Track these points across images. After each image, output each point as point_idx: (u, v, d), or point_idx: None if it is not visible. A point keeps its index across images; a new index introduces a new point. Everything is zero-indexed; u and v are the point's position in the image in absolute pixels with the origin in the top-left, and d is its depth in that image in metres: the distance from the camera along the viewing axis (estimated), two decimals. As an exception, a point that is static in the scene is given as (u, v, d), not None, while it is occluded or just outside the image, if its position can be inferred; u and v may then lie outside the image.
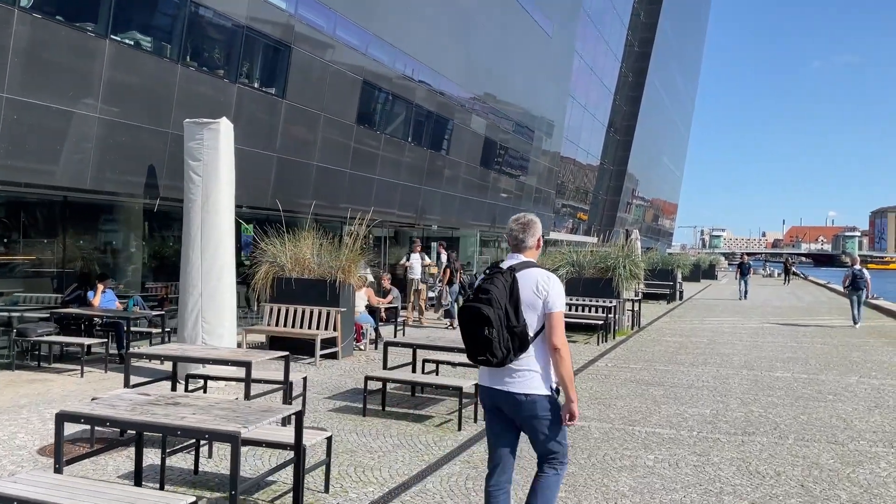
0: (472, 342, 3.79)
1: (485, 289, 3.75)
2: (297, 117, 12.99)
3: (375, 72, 15.53)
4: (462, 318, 3.82)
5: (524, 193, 27.47)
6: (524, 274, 3.84)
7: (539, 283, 3.82)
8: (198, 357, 6.68)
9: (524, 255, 3.98)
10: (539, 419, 3.80)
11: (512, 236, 4.00)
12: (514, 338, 3.71)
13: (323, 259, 11.73)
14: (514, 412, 3.83)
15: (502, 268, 3.86)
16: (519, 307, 3.74)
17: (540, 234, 4.09)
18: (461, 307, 3.88)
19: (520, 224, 4.01)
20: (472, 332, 3.76)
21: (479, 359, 3.78)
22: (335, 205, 14.39)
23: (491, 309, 3.68)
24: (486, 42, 21.59)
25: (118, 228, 13.61)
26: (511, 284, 3.77)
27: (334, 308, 11.40)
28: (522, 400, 3.78)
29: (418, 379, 7.61)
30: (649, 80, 47.68)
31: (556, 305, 3.81)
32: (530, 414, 3.80)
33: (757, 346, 14.54)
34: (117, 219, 13.18)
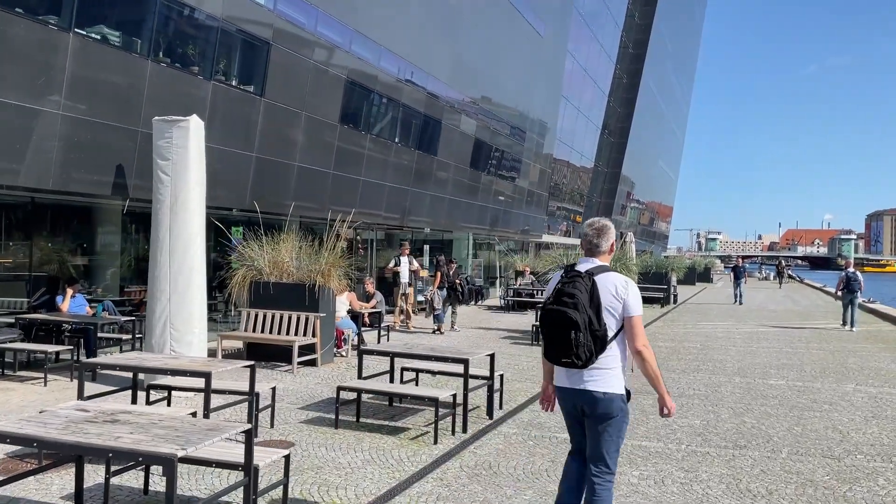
0: (556, 345, 3.93)
1: (569, 293, 3.88)
2: (276, 116, 12.60)
3: (360, 70, 15.15)
4: (546, 321, 3.96)
5: (516, 195, 27.10)
6: (602, 278, 3.97)
7: (618, 288, 3.98)
8: (155, 367, 6.29)
9: (598, 259, 4.10)
10: (613, 418, 3.96)
11: (587, 241, 4.12)
12: (596, 340, 3.88)
13: (302, 262, 11.34)
14: (591, 410, 3.98)
15: (580, 271, 3.98)
16: (600, 311, 3.90)
17: (614, 238, 4.21)
18: (543, 310, 4.00)
19: (594, 229, 4.13)
20: (557, 335, 3.90)
21: (563, 361, 3.93)
22: (318, 207, 13.99)
23: (577, 313, 3.84)
24: (475, 41, 21.23)
25: (95, 230, 13.21)
26: (591, 288, 3.91)
27: (313, 313, 11.01)
28: (600, 398, 3.94)
29: (393, 389, 7.23)
30: (644, 82, 47.39)
31: (635, 310, 3.99)
32: (605, 412, 3.95)
33: (751, 351, 14.18)
34: (94, 220, 12.79)
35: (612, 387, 3.95)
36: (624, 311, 3.96)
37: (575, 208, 41.43)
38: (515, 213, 27.31)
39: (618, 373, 3.99)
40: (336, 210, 15.27)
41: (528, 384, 10.15)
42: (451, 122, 20.32)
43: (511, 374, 10.96)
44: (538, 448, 6.86)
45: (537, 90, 28.12)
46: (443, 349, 8.21)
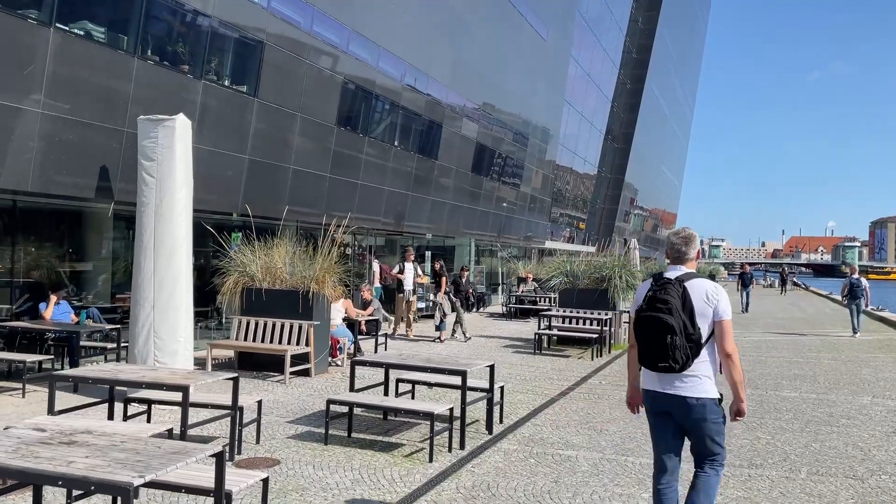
0: (652, 350, 4.01)
1: (662, 299, 4.00)
2: (270, 117, 12.22)
3: (357, 71, 14.77)
4: (642, 327, 4.07)
5: (519, 201, 26.69)
6: (693, 284, 4.07)
7: (709, 293, 4.06)
8: (130, 380, 5.87)
9: (685, 267, 4.20)
10: (708, 422, 4.04)
11: (674, 249, 4.24)
12: (692, 345, 3.97)
13: (296, 268, 10.93)
14: (684, 415, 4.06)
15: (670, 278, 4.10)
16: (694, 316, 4.00)
17: (699, 246, 4.34)
18: (639, 316, 4.10)
19: (681, 238, 4.24)
20: (654, 340, 3.99)
21: (660, 365, 4.00)
22: (314, 211, 13.59)
23: (672, 318, 3.95)
24: (477, 44, 20.86)
25: (86, 235, 12.85)
26: (683, 294, 4.02)
27: (307, 321, 10.60)
28: (694, 403, 4.02)
29: (385, 403, 6.81)
30: (647, 88, 47.03)
31: (725, 314, 4.06)
32: (700, 417, 4.03)
33: (760, 360, 13.73)
34: (84, 224, 12.43)
35: (705, 392, 4.04)
36: (715, 315, 4.05)
37: (578, 214, 41.03)
38: (518, 218, 26.91)
39: (710, 377, 4.07)
40: (333, 215, 14.91)
41: (530, 396, 9.72)
42: (452, 125, 19.95)
43: (512, 384, 10.53)
44: (540, 467, 6.42)
45: (540, 95, 27.75)
46: (440, 360, 7.79)
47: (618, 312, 15.53)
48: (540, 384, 10.70)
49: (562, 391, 10.21)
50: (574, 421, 8.25)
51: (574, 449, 7.04)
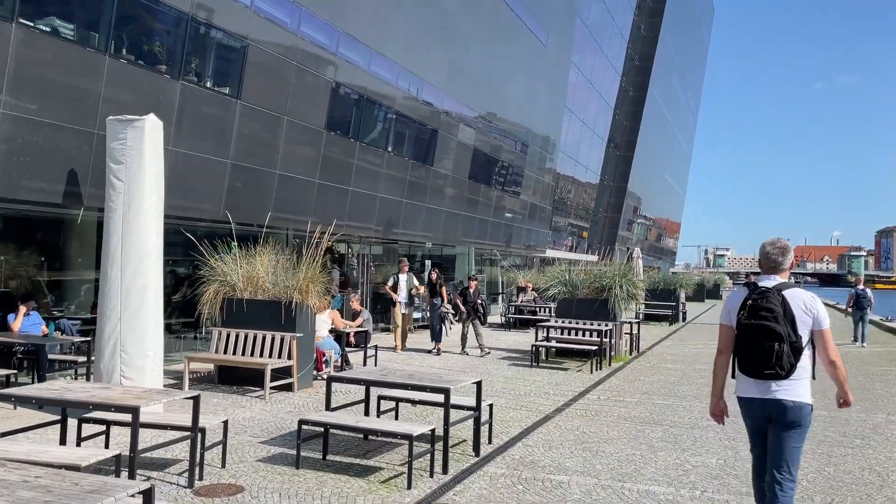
0: (758, 357, 4.17)
1: (766, 307, 4.17)
2: (254, 121, 11.73)
3: (348, 74, 14.29)
4: (747, 335, 4.21)
5: (519, 209, 26.16)
6: (791, 294, 4.24)
7: (807, 303, 4.25)
8: (77, 400, 5.36)
9: (780, 277, 4.35)
10: (800, 426, 4.23)
11: (770, 259, 4.39)
12: (794, 352, 4.15)
13: (279, 278, 10.43)
14: (779, 418, 4.22)
15: (768, 287, 4.27)
16: (795, 324, 4.17)
17: (793, 257, 4.51)
18: (742, 325, 4.23)
19: (778, 248, 4.40)
20: (760, 347, 4.16)
21: (766, 372, 4.17)
22: (301, 218, 13.08)
23: (779, 326, 4.13)
24: (474, 48, 20.39)
25: (66, 242, 12.39)
26: (783, 303, 4.19)
27: (289, 333, 10.09)
28: (790, 406, 4.20)
29: (361, 424, 6.29)
30: (650, 95, 46.56)
31: (825, 323, 4.24)
32: (795, 420, 4.21)
33: (767, 374, 13.16)
34: (63, 232, 11.97)
35: (802, 396, 4.20)
36: (814, 324, 4.22)
37: (580, 223, 40.50)
38: (518, 227, 26.37)
39: (806, 383, 4.22)
40: (322, 223, 14.40)
41: (524, 413, 9.17)
42: (449, 131, 19.46)
43: (506, 400, 9.99)
44: (528, 494, 5.88)
45: (540, 101, 27.27)
46: (424, 376, 7.26)
47: (618, 323, 14.99)
48: (535, 400, 10.16)
49: (557, 407, 9.67)
50: (568, 441, 7.71)
51: (567, 473, 6.50)
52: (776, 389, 4.19)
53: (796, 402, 4.18)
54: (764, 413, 4.28)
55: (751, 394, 4.30)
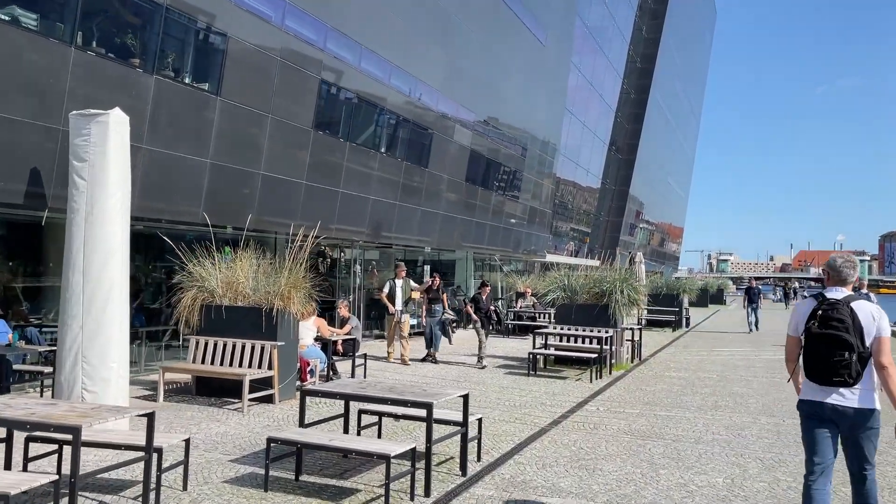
0: (827, 365, 4.38)
1: (837, 318, 4.37)
2: (236, 118, 11.20)
3: (337, 71, 13.76)
4: (817, 344, 4.42)
5: (518, 213, 25.61)
6: (858, 305, 4.43)
7: (873, 313, 4.43)
8: (13, 419, 4.83)
9: (846, 289, 4.57)
10: (872, 430, 4.43)
11: (839, 272, 4.60)
12: (861, 361, 4.36)
13: (260, 283, 9.90)
14: (851, 425, 4.42)
15: (836, 299, 4.47)
16: (862, 334, 4.37)
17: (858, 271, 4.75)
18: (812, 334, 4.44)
19: (847, 261, 4.65)
20: (830, 356, 4.37)
21: (835, 380, 4.38)
22: (286, 220, 12.54)
23: (849, 336, 4.34)
24: (470, 47, 19.86)
25: (44, 247, 11.85)
26: (852, 314, 4.39)
27: (270, 341, 9.55)
28: (860, 411, 4.40)
29: (333, 443, 5.73)
30: (652, 98, 46.04)
31: (885, 332, 4.42)
32: (867, 425, 4.41)
33: (775, 383, 12.59)
34: (41, 236, 11.44)
35: (870, 403, 4.41)
36: (876, 332, 4.40)
37: (582, 227, 39.95)
38: (518, 231, 25.82)
39: (872, 389, 4.42)
40: (310, 226, 13.88)
41: (518, 426, 8.62)
42: (444, 132, 18.93)
43: (500, 412, 9.44)
44: (516, 522, 5.33)
45: (539, 102, 26.74)
46: (407, 388, 6.71)
47: (619, 330, 14.43)
48: (530, 411, 9.61)
49: (554, 420, 9.12)
50: (564, 458, 7.15)
51: (560, 495, 5.95)
52: (850, 397, 4.39)
53: (866, 408, 4.40)
54: (833, 417, 4.46)
55: (818, 398, 4.50)
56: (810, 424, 4.58)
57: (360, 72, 14.40)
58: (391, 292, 14.10)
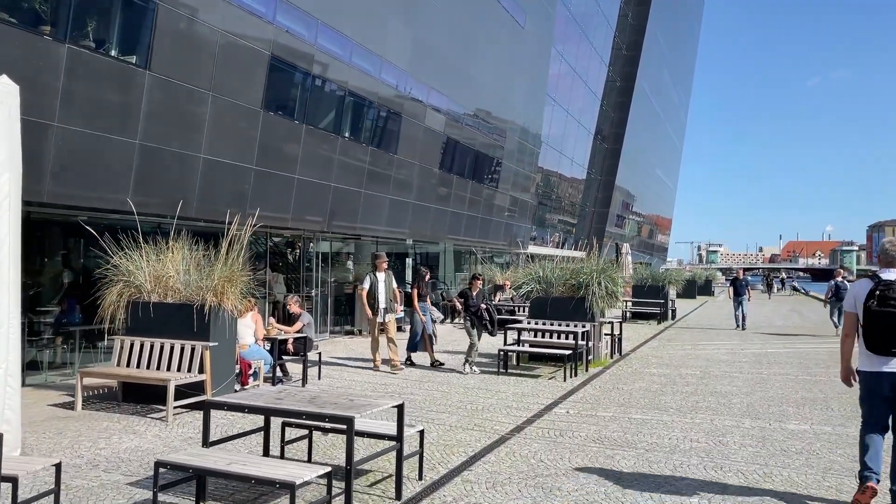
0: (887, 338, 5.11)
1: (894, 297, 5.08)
2: (169, 96, 10.18)
3: (289, 47, 12.73)
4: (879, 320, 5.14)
5: (497, 202, 24.65)
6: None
7: None
8: None
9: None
10: None
11: (889, 255, 5.34)
12: None
13: (192, 277, 8.93)
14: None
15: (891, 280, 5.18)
16: None
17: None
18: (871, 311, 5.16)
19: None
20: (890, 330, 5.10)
21: (893, 351, 5.14)
22: (235, 209, 11.55)
23: None
24: (441, 26, 18.83)
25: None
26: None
27: (201, 342, 8.59)
28: None
29: (230, 468, 4.78)
30: (638, 86, 45.13)
31: None
32: None
33: (761, 379, 11.73)
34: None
35: None
36: None
37: (567, 218, 39.08)
38: (497, 221, 24.87)
39: None
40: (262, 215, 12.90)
41: (475, 434, 7.70)
42: (414, 116, 17.92)
43: (459, 417, 8.53)
44: (445, 563, 4.41)
45: (519, 87, 25.73)
46: (332, 398, 5.75)
47: (597, 324, 13.54)
48: (492, 416, 8.70)
49: (517, 425, 8.22)
50: (520, 474, 6.24)
51: (506, 524, 5.03)
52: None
53: None
54: (891, 383, 5.15)
55: (878, 368, 5.19)
56: (870, 392, 5.30)
57: (317, 48, 13.36)
58: (373, 289, 11.83)
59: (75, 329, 11.01)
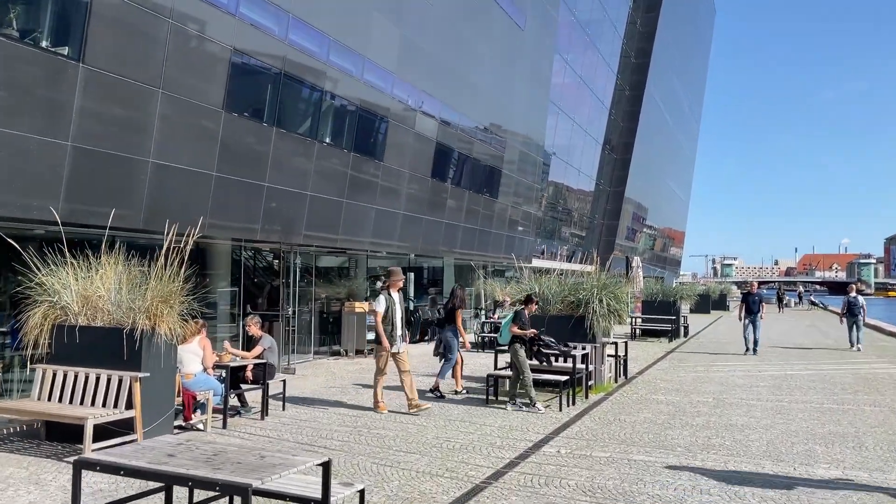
0: None
1: None
2: (109, 92, 9.06)
3: (255, 41, 11.56)
4: None
5: (496, 213, 23.40)
6: None
7: None
8: None
9: None
10: None
11: None
12: None
13: (123, 297, 7.78)
14: None
15: None
16: None
17: None
18: None
19: None
20: None
21: None
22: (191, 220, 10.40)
23: None
24: (430, 24, 17.67)
25: None
26: None
27: (130, 372, 7.43)
28: None
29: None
30: (648, 95, 43.89)
31: None
32: None
33: (782, 409, 10.42)
34: None
35: None
36: None
37: (574, 231, 37.79)
38: (497, 234, 23.62)
39: None
40: (226, 226, 11.78)
41: (444, 483, 6.48)
42: (402, 121, 16.74)
43: (430, 459, 7.32)
44: None
45: (519, 93, 24.53)
46: (243, 453, 4.55)
47: (598, 345, 12.27)
48: (469, 458, 7.47)
49: (497, 469, 7.00)
50: (485, 543, 5.00)
51: None
52: None
53: None
54: None
55: None
56: None
57: (287, 44, 12.23)
58: (388, 312, 9.71)
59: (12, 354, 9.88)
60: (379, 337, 9.73)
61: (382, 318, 9.68)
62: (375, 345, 9.97)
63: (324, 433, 8.55)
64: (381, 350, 9.78)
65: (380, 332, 9.70)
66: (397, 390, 10.54)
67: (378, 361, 9.86)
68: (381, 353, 9.81)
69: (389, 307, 9.77)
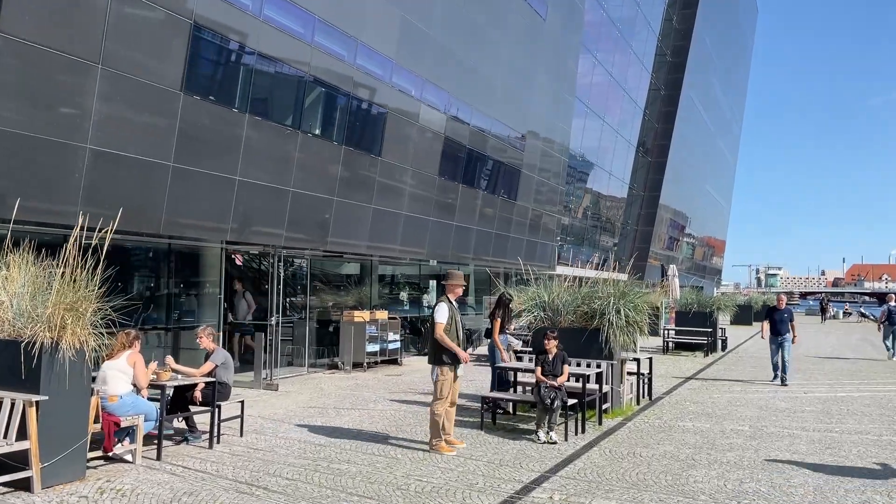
0: None
1: None
2: (32, 65, 7.82)
3: (222, 14, 10.28)
4: None
5: (515, 215, 21.82)
6: None
7: None
8: None
9: None
10: None
11: None
12: None
13: (26, 304, 6.52)
14: None
15: None
16: None
17: None
18: None
19: None
20: None
21: None
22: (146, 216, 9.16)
23: None
24: (437, 7, 16.24)
25: None
26: None
27: (25, 394, 6.15)
28: None
29: None
30: (685, 95, 41.84)
31: None
32: None
33: (832, 443, 8.72)
34: None
35: None
36: None
37: (605, 237, 35.98)
38: (515, 238, 22.03)
39: None
40: (188, 224, 10.52)
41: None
42: (404, 113, 15.31)
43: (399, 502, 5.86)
44: None
45: (540, 88, 22.92)
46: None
47: (616, 362, 10.69)
48: (450, 498, 6.02)
49: (468, 525, 5.52)
50: None
51: None
52: None
53: None
54: None
55: None
56: None
57: (261, 21, 10.92)
58: (452, 322, 7.99)
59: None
60: (450, 352, 7.84)
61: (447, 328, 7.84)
62: (434, 366, 8.03)
63: (273, 468, 7.17)
64: (444, 372, 7.92)
65: (451, 346, 7.81)
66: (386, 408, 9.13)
67: (441, 388, 7.91)
68: (443, 378, 7.90)
69: (452, 317, 7.97)
